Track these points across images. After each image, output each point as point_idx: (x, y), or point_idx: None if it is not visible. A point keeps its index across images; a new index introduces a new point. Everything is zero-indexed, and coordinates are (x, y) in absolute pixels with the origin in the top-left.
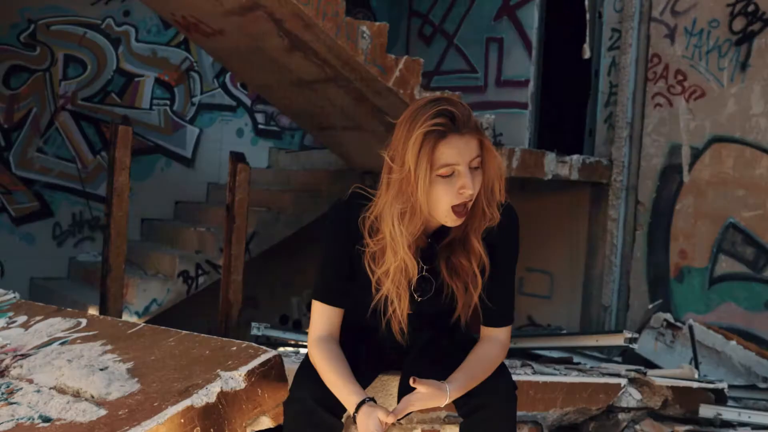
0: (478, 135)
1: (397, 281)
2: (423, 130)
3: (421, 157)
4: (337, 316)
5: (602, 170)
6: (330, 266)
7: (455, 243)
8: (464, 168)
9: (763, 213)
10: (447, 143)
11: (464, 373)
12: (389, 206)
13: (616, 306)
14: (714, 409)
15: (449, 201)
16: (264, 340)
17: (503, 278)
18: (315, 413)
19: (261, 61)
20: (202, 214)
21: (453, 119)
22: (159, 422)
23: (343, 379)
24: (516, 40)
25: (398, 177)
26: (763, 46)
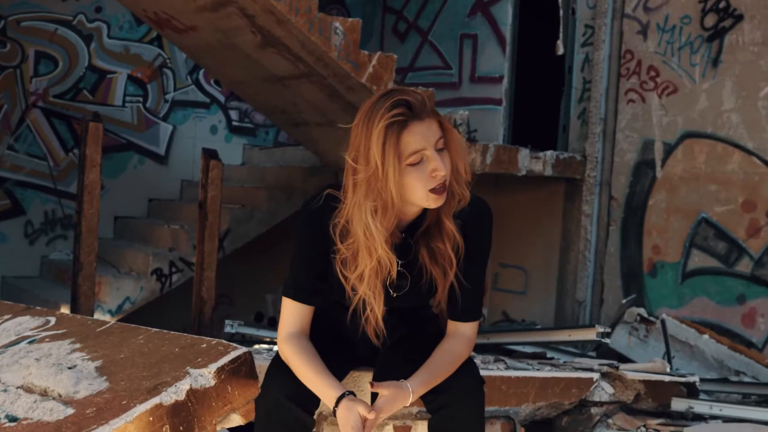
0: (437, 117)
1: (373, 284)
2: (384, 124)
3: (387, 151)
4: (308, 313)
5: (576, 166)
6: (301, 264)
7: (431, 228)
8: (431, 151)
9: (735, 208)
10: (410, 131)
11: (427, 369)
12: (359, 207)
13: (590, 301)
14: (686, 403)
15: (425, 186)
16: (239, 338)
17: (473, 273)
18: (287, 410)
19: (234, 57)
20: (176, 211)
21: (410, 107)
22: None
23: (319, 374)
24: (490, 37)
25: (365, 176)
26: (735, 42)
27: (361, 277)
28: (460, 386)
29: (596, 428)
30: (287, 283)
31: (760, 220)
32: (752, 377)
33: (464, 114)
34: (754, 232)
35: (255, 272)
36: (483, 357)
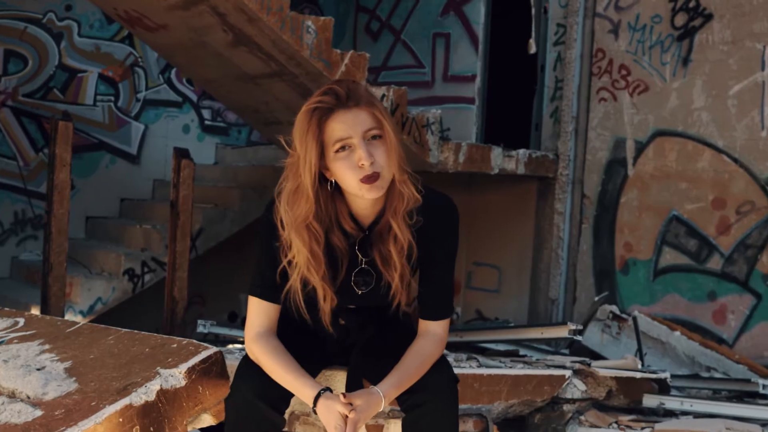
0: (370, 108)
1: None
2: (305, 109)
3: (306, 136)
4: (275, 311)
5: (548, 164)
6: (265, 262)
7: (384, 231)
8: (358, 140)
9: (705, 205)
10: (335, 119)
11: (398, 372)
12: (284, 190)
13: (564, 299)
14: (657, 399)
15: (354, 176)
16: (212, 338)
17: (440, 271)
18: (257, 409)
19: (205, 56)
20: (148, 211)
21: (336, 95)
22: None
23: (293, 372)
24: (463, 36)
25: (291, 161)
26: (704, 41)
27: (296, 261)
28: (433, 385)
29: (568, 425)
30: (253, 281)
31: (730, 218)
32: (723, 373)
33: (437, 113)
34: (724, 229)
35: (228, 272)
36: (456, 355)
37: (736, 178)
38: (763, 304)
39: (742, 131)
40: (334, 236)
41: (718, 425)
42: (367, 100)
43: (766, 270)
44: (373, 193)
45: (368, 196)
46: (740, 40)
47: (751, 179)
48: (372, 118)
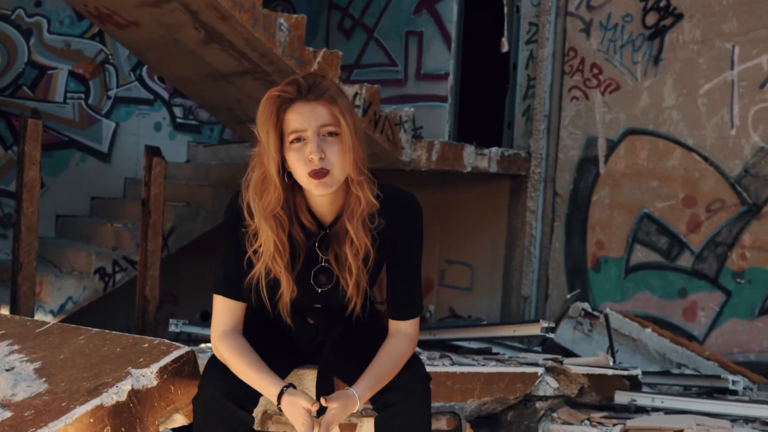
0: (330, 104)
1: (274, 260)
2: (266, 96)
3: (267, 123)
4: (240, 309)
5: (521, 162)
6: (229, 260)
7: (341, 233)
8: (312, 134)
9: (676, 203)
10: (293, 110)
11: (372, 373)
12: (252, 179)
13: (536, 296)
14: (629, 396)
15: (303, 169)
16: (184, 337)
17: (407, 270)
18: (225, 408)
19: (177, 53)
20: (119, 209)
21: (299, 87)
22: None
23: (258, 370)
24: (435, 34)
25: (258, 149)
26: (675, 40)
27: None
28: (406, 384)
29: (541, 422)
30: (218, 279)
31: (700, 215)
32: (693, 369)
33: (410, 111)
34: (694, 227)
35: (200, 270)
36: (429, 353)
37: (706, 177)
38: (733, 301)
39: (711, 130)
40: (294, 229)
41: (688, 421)
42: (329, 96)
43: (735, 267)
44: (320, 189)
45: (315, 191)
46: (710, 40)
47: (720, 177)
48: (330, 115)
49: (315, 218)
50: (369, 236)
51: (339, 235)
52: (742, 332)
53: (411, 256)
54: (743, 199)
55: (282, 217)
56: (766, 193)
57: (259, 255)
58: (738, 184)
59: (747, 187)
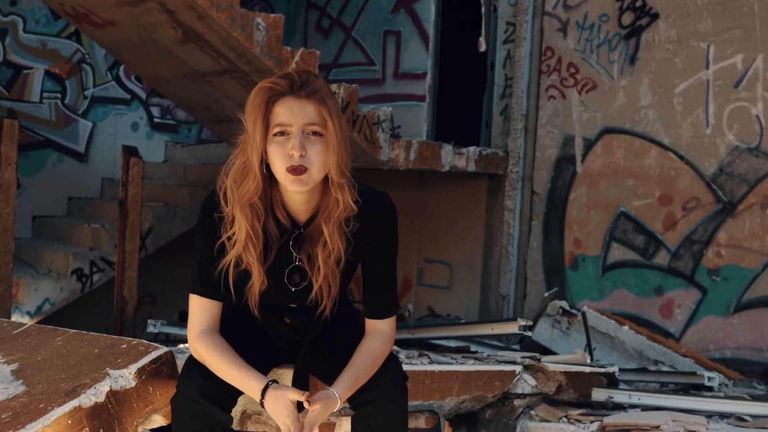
0: (319, 104)
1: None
2: (259, 86)
3: (256, 113)
4: (217, 309)
5: (498, 161)
6: (205, 258)
7: (314, 234)
8: (296, 130)
9: (652, 202)
10: (281, 103)
11: (351, 372)
12: (233, 167)
13: (514, 295)
14: (606, 392)
15: (282, 162)
16: (162, 338)
17: (383, 270)
18: (203, 407)
19: (155, 53)
20: (97, 210)
21: (291, 81)
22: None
23: (239, 368)
24: (413, 33)
25: (243, 137)
26: (651, 40)
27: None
28: (383, 383)
29: (519, 420)
30: (193, 279)
31: (677, 214)
32: (670, 366)
33: (388, 110)
34: (670, 225)
35: (179, 271)
36: (407, 352)
37: (682, 175)
38: (709, 299)
39: (687, 129)
40: (269, 222)
41: (665, 417)
42: (319, 95)
43: (711, 265)
44: (296, 186)
45: (291, 187)
46: (685, 40)
47: (696, 176)
48: (317, 114)
49: (289, 215)
50: (343, 240)
51: (312, 235)
52: (718, 329)
53: (386, 256)
54: (718, 197)
55: (258, 207)
56: (741, 192)
57: (232, 242)
58: (713, 183)
59: (722, 185)
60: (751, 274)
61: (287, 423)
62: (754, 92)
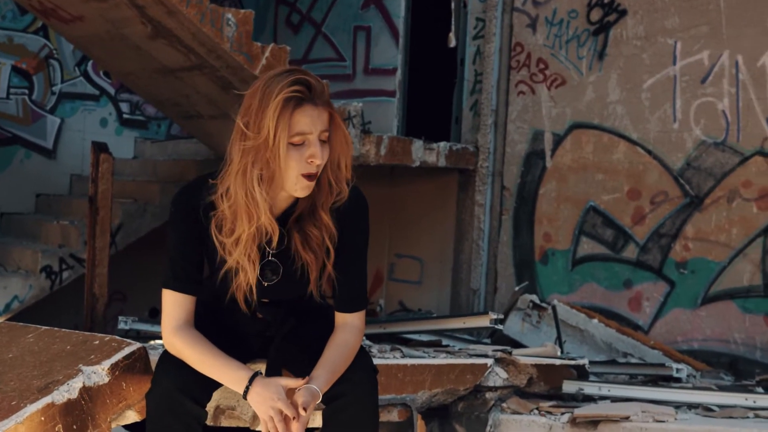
0: (330, 108)
1: (249, 248)
2: (283, 96)
3: (281, 123)
4: (191, 303)
5: (469, 157)
6: (178, 253)
7: (305, 217)
8: (315, 138)
9: (621, 196)
10: (302, 112)
11: (326, 366)
12: (245, 173)
13: (485, 289)
14: (576, 385)
15: (299, 169)
16: (133, 335)
17: (353, 263)
18: (179, 402)
19: (123, 48)
20: (65, 206)
21: (309, 88)
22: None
23: (223, 358)
24: (383, 29)
25: (254, 143)
26: (619, 36)
27: (239, 240)
28: (353, 376)
29: (491, 412)
30: (166, 274)
31: (645, 208)
32: (639, 358)
33: (358, 106)
34: (639, 219)
35: (149, 267)
36: (380, 346)
37: (650, 170)
38: (677, 291)
39: (655, 124)
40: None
41: (634, 408)
42: (327, 101)
43: (679, 258)
44: (306, 191)
45: (301, 193)
46: (653, 36)
47: (664, 170)
48: (329, 119)
49: None
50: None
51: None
52: (686, 321)
53: (357, 249)
54: (686, 191)
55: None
56: (708, 186)
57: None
58: (681, 177)
59: (689, 179)
60: (718, 267)
61: (277, 407)
62: (720, 88)
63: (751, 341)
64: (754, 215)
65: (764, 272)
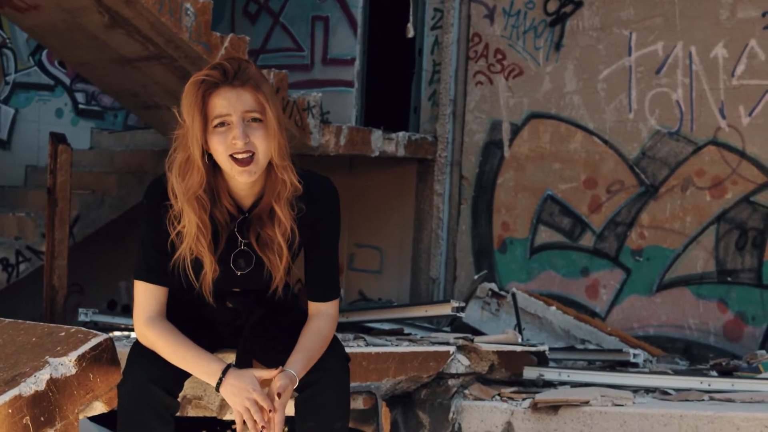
0: (255, 91)
1: (196, 240)
2: (192, 80)
3: (192, 107)
4: (163, 294)
5: (427, 146)
6: (150, 244)
7: (264, 215)
8: (236, 119)
9: (578, 185)
10: (218, 94)
11: (302, 353)
12: (175, 162)
13: (444, 278)
14: (537, 371)
15: (226, 153)
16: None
17: (326, 253)
18: (151, 393)
19: (80, 38)
20: (21, 198)
21: (224, 71)
22: None
23: (195, 350)
24: (341, 19)
25: (182, 131)
26: (575, 27)
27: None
28: (326, 364)
29: (453, 399)
30: (138, 265)
31: (601, 197)
32: (596, 345)
33: (317, 96)
34: (595, 207)
35: (107, 259)
36: (343, 335)
37: (606, 159)
38: (632, 279)
39: (611, 114)
40: (216, 210)
41: (593, 393)
42: (254, 82)
43: (634, 246)
44: (245, 176)
45: (239, 178)
46: (608, 27)
47: (620, 159)
48: (255, 101)
49: (234, 202)
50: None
51: (262, 217)
52: (642, 308)
53: (330, 239)
54: (641, 180)
55: (204, 198)
56: (663, 175)
57: (182, 236)
58: (636, 166)
59: (645, 168)
60: (673, 254)
61: (253, 397)
62: (675, 78)
63: (705, 327)
64: (707, 203)
65: (717, 259)
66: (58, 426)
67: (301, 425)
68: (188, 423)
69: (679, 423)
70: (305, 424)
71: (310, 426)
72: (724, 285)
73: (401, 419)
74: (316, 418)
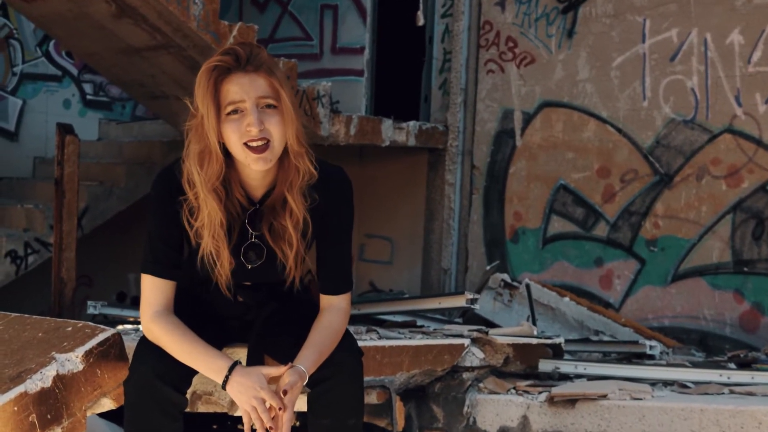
0: (269, 76)
1: (216, 233)
2: (204, 68)
3: (206, 94)
4: (171, 289)
5: (438, 136)
6: (158, 237)
7: (277, 205)
8: (250, 105)
9: (591, 174)
10: (230, 80)
11: (313, 347)
12: (190, 152)
13: (456, 269)
14: (552, 363)
15: (239, 141)
16: (101, 319)
17: (338, 245)
18: (157, 390)
19: (87, 28)
20: (29, 190)
21: (237, 56)
22: None
23: (202, 346)
24: (350, 7)
25: (196, 121)
26: (588, 14)
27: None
28: (338, 359)
29: (468, 393)
30: (146, 258)
31: (615, 186)
32: (610, 336)
33: (327, 85)
34: (609, 197)
35: (115, 251)
36: (355, 328)
37: (620, 148)
38: (647, 269)
39: (624, 102)
40: (228, 202)
41: (611, 386)
42: (267, 67)
43: (649, 236)
44: (260, 164)
45: (254, 166)
46: (622, 14)
47: (633, 148)
48: (269, 87)
49: (245, 192)
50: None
51: (274, 207)
52: (656, 299)
53: (342, 231)
54: (655, 169)
55: (220, 190)
56: (677, 163)
57: (201, 229)
58: (650, 155)
59: (659, 157)
60: (688, 244)
61: (260, 396)
62: (689, 66)
63: (721, 317)
64: (723, 192)
65: (733, 249)
66: (65, 423)
67: (315, 422)
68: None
69: (700, 417)
70: (319, 421)
71: (323, 423)
72: (740, 275)
73: (415, 413)
74: (329, 415)
